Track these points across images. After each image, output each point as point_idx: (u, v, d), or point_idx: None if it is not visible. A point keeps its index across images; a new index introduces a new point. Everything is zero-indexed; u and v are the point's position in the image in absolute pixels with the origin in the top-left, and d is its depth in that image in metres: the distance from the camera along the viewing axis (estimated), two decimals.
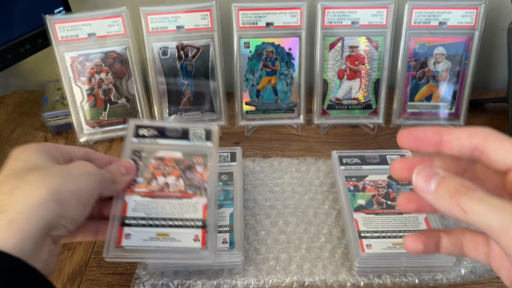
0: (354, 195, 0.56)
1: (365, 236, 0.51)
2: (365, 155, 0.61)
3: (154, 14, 0.65)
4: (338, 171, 0.59)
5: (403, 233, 0.52)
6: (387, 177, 0.58)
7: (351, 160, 0.61)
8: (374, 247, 0.50)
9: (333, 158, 0.62)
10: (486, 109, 0.75)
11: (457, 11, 0.65)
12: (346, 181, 0.58)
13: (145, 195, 0.46)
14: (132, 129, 0.51)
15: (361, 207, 0.55)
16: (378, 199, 0.56)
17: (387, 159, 0.60)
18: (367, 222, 0.53)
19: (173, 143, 0.50)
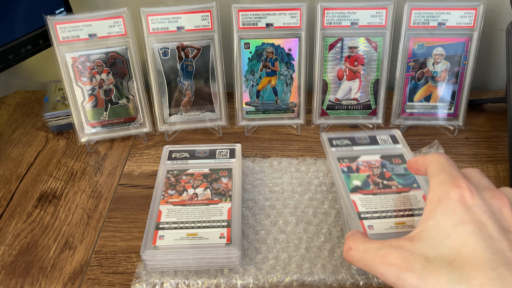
0: (348, 176, 0.55)
1: (365, 217, 0.50)
2: (355, 136, 0.61)
3: (155, 15, 0.66)
4: (330, 153, 0.58)
5: (404, 212, 0.51)
6: (380, 157, 0.57)
7: (341, 141, 0.60)
8: (376, 227, 0.49)
9: (323, 140, 0.61)
10: (485, 110, 0.76)
11: (456, 11, 0.65)
12: (339, 163, 0.57)
13: (177, 204, 0.55)
14: (166, 153, 0.62)
15: (358, 188, 0.54)
16: (374, 179, 0.55)
17: (377, 140, 0.60)
18: (365, 203, 0.52)
19: (202, 162, 0.60)
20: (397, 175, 0.55)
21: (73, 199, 0.62)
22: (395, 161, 0.57)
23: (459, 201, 0.36)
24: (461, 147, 0.68)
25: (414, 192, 0.53)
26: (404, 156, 0.58)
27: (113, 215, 0.60)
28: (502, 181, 0.62)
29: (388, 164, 0.57)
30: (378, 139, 0.60)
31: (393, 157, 0.57)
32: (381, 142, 0.60)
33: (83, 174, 0.66)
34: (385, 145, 0.60)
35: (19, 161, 0.69)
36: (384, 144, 0.60)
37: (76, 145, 0.71)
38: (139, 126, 0.71)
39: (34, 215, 0.60)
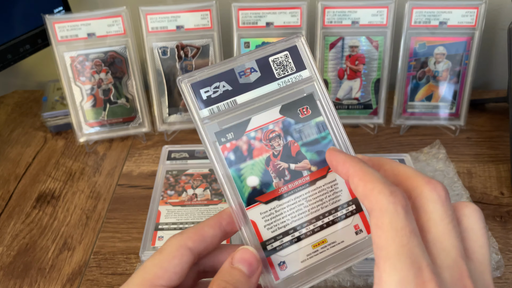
0: (239, 171, 0.33)
1: (273, 248, 0.32)
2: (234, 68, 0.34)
3: (154, 14, 0.65)
4: (203, 130, 0.33)
5: (322, 220, 0.33)
6: (280, 113, 0.34)
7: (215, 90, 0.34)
8: (290, 264, 0.32)
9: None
10: (487, 109, 0.75)
11: (457, 10, 0.65)
12: (219, 145, 0.33)
13: (176, 204, 0.55)
14: (165, 153, 0.61)
15: (256, 193, 0.33)
16: (276, 166, 0.33)
17: (271, 68, 0.34)
18: (270, 221, 0.33)
19: (201, 162, 0.59)
20: (308, 145, 0.34)
21: (71, 200, 0.62)
22: (302, 113, 0.34)
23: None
24: (462, 147, 0.68)
25: (333, 175, 0.33)
26: (314, 95, 0.34)
27: (112, 216, 0.59)
28: (504, 182, 0.62)
29: (294, 123, 0.34)
30: (271, 63, 0.34)
31: (299, 107, 0.34)
32: (277, 71, 0.34)
33: (81, 175, 0.66)
34: (283, 78, 0.34)
35: (17, 161, 0.69)
36: (282, 76, 0.34)
37: (75, 145, 0.71)
38: (138, 126, 0.71)
39: (33, 216, 0.60)
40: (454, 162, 0.64)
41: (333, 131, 0.34)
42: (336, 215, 0.33)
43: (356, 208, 0.33)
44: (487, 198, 0.59)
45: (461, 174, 0.63)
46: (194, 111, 0.32)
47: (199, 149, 0.62)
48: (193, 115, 0.33)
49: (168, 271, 0.29)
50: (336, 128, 0.34)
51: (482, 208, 0.58)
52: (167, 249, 0.30)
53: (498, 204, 0.59)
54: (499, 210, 0.58)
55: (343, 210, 0.33)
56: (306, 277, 0.32)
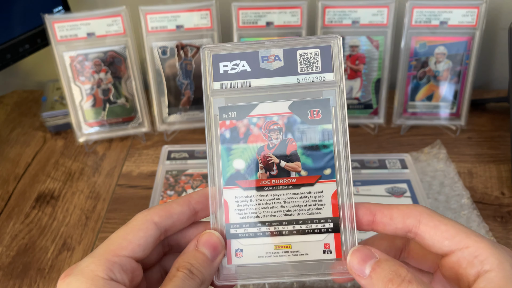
0: (229, 150, 0.33)
1: (236, 233, 0.32)
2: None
3: (154, 14, 0.65)
4: (210, 101, 0.33)
5: (294, 225, 0.32)
6: (289, 107, 0.33)
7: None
8: (246, 254, 0.32)
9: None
10: (487, 109, 0.75)
11: (458, 10, 0.64)
12: (219, 120, 0.33)
13: None
14: (165, 153, 0.61)
15: (237, 176, 0.33)
16: (267, 158, 0.33)
17: (297, 64, 0.33)
18: (243, 207, 0.32)
19: (201, 162, 0.59)
20: (306, 149, 0.33)
21: (71, 200, 0.62)
22: (311, 115, 0.33)
23: None
24: (463, 147, 0.67)
25: (321, 186, 0.32)
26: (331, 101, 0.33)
27: (111, 216, 0.59)
28: (504, 182, 0.62)
29: (299, 122, 0.33)
30: (298, 56, 0.33)
31: (311, 109, 0.33)
32: (301, 65, 0.33)
33: (81, 175, 0.66)
34: (305, 74, 0.33)
35: (16, 161, 0.69)
36: (305, 72, 0.33)
37: (74, 145, 0.71)
38: (138, 126, 0.71)
39: (32, 216, 0.60)
40: (455, 162, 0.64)
41: (337, 144, 0.33)
42: (309, 226, 0.32)
43: (333, 227, 0.32)
44: (487, 198, 0.59)
45: (462, 174, 0.62)
46: (208, 81, 0.33)
47: (199, 149, 0.62)
48: (205, 84, 0.33)
49: (132, 243, 0.29)
50: (342, 141, 0.33)
51: (482, 208, 0.58)
52: (133, 222, 0.30)
53: (499, 204, 0.58)
54: (500, 210, 0.58)
55: (319, 225, 0.32)
56: (257, 273, 0.32)
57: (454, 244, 0.28)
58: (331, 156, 0.33)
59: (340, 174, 0.32)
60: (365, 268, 0.28)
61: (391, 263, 0.28)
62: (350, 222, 0.32)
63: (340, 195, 0.32)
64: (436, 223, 0.29)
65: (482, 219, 0.55)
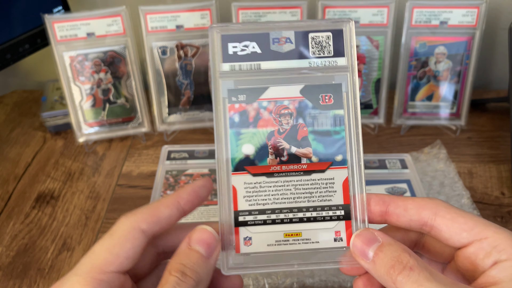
0: (238, 135, 0.32)
1: (245, 221, 0.31)
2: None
3: (154, 13, 0.65)
4: (219, 83, 0.32)
5: (304, 212, 0.31)
6: (300, 91, 0.32)
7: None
8: (255, 242, 0.31)
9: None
10: (487, 109, 0.75)
11: (458, 10, 0.64)
12: (228, 103, 0.32)
13: None
14: (164, 153, 0.61)
15: (247, 162, 0.32)
16: (278, 144, 0.32)
17: (307, 48, 0.32)
18: (252, 193, 0.31)
19: (201, 162, 0.59)
20: (318, 134, 0.32)
21: (71, 200, 0.62)
22: (323, 100, 0.32)
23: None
24: (463, 147, 0.67)
25: (333, 173, 0.32)
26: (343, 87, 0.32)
27: (111, 216, 0.59)
28: (504, 182, 0.61)
29: (311, 108, 0.32)
30: (309, 39, 0.32)
31: (322, 93, 0.32)
32: (313, 49, 0.32)
33: (81, 175, 0.66)
34: (317, 58, 0.32)
35: (16, 161, 0.69)
36: (317, 56, 0.32)
37: (74, 145, 0.71)
38: (138, 126, 0.71)
39: (32, 216, 0.60)
40: (455, 162, 0.64)
41: (349, 129, 0.32)
42: (320, 214, 0.31)
43: (344, 214, 0.31)
44: (487, 199, 0.59)
45: (462, 174, 0.62)
46: (216, 62, 0.31)
47: (198, 149, 0.62)
48: (213, 66, 0.31)
49: (119, 257, 0.27)
50: (354, 127, 0.32)
51: (482, 208, 0.58)
52: (118, 231, 0.28)
53: (499, 204, 0.58)
54: (500, 210, 0.58)
55: (330, 212, 0.31)
56: (267, 262, 0.31)
57: (472, 236, 0.27)
58: (342, 142, 0.32)
59: (351, 161, 0.31)
60: (368, 252, 0.28)
61: (394, 248, 0.27)
62: (361, 209, 0.31)
63: (352, 182, 0.31)
64: (453, 215, 0.28)
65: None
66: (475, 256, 0.27)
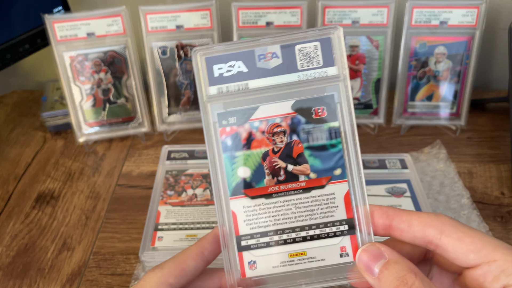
0: (232, 158, 0.31)
1: (247, 245, 0.31)
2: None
3: (154, 14, 0.65)
4: (207, 111, 0.31)
5: (307, 231, 0.31)
6: (292, 107, 0.31)
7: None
8: (261, 267, 0.31)
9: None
10: (487, 109, 0.75)
11: (458, 10, 0.64)
12: (219, 127, 0.31)
13: (176, 204, 0.55)
14: (165, 153, 0.62)
15: (245, 185, 0.31)
16: (273, 163, 0.31)
17: (296, 62, 0.31)
18: (252, 216, 0.31)
19: (201, 162, 0.59)
20: (314, 150, 0.31)
21: (71, 200, 0.62)
22: (316, 114, 0.31)
23: None
24: (463, 147, 0.67)
25: (333, 188, 0.31)
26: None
27: (111, 216, 0.59)
28: (504, 182, 0.61)
29: (304, 123, 0.31)
30: (296, 51, 0.31)
31: (315, 107, 0.31)
32: (301, 61, 0.31)
33: (81, 175, 0.66)
34: (306, 71, 0.31)
35: (16, 161, 0.69)
36: (305, 68, 0.31)
37: (74, 145, 0.71)
38: (138, 126, 0.71)
39: (32, 216, 0.60)
40: (455, 162, 0.64)
41: (346, 141, 0.31)
42: (323, 231, 0.31)
43: (348, 229, 0.30)
44: (487, 198, 0.59)
45: (462, 174, 0.62)
46: (202, 86, 0.30)
47: (199, 149, 0.62)
48: (200, 90, 0.30)
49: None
50: (351, 138, 0.31)
51: (482, 208, 0.58)
52: (147, 286, 0.28)
53: (499, 204, 0.58)
54: (500, 210, 0.58)
55: (333, 228, 0.31)
56: (274, 284, 0.30)
57: (480, 258, 0.26)
58: (340, 155, 0.31)
59: (351, 173, 0.31)
60: (373, 268, 0.28)
61: (400, 267, 0.27)
62: (365, 222, 0.30)
63: (353, 195, 0.31)
64: (460, 235, 0.27)
65: (482, 219, 0.55)
66: (483, 278, 0.27)
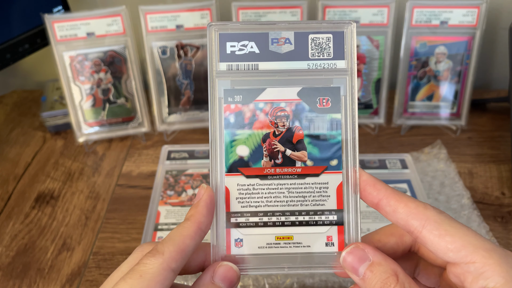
0: (233, 136, 0.32)
1: (237, 222, 0.31)
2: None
3: (154, 13, 0.65)
4: (216, 86, 0.32)
5: (297, 216, 0.31)
6: (298, 94, 0.32)
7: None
8: (246, 243, 0.31)
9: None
10: (488, 109, 0.75)
11: (458, 10, 0.64)
12: (224, 103, 0.32)
13: (176, 204, 0.55)
14: (164, 153, 0.62)
15: (241, 163, 0.31)
16: (273, 146, 0.32)
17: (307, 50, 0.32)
18: (244, 195, 0.31)
19: (201, 162, 0.60)
20: (313, 138, 0.32)
21: (70, 200, 0.62)
22: (321, 103, 0.32)
23: None
24: (463, 147, 0.67)
25: (327, 177, 0.31)
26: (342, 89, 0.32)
27: (111, 216, 0.59)
28: (505, 182, 0.61)
29: (307, 110, 0.32)
30: (309, 40, 0.32)
31: (320, 96, 0.32)
32: (312, 51, 0.32)
33: (81, 175, 0.65)
34: (316, 60, 0.32)
35: (16, 161, 0.69)
36: (316, 58, 0.32)
37: (74, 145, 0.71)
38: (138, 125, 0.71)
39: (32, 216, 0.60)
40: (455, 162, 0.64)
41: (345, 134, 0.32)
42: (313, 218, 0.31)
43: (337, 220, 0.31)
44: (488, 199, 0.59)
45: (462, 174, 0.62)
46: (213, 62, 0.32)
47: (199, 149, 0.62)
48: (210, 65, 0.32)
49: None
50: (350, 132, 0.31)
51: (483, 208, 0.57)
52: (148, 273, 0.27)
53: (499, 205, 0.58)
54: (500, 210, 0.58)
55: (322, 216, 0.31)
56: (257, 264, 0.31)
57: (458, 258, 0.27)
58: (338, 146, 0.31)
59: (346, 166, 0.31)
60: (358, 269, 0.28)
61: (383, 269, 0.27)
62: (354, 216, 0.31)
63: (346, 187, 0.31)
64: (442, 232, 0.27)
65: (483, 219, 0.55)
66: (464, 277, 0.27)
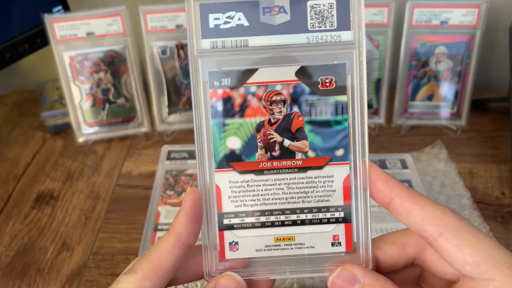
0: (222, 126, 0.28)
1: (230, 224, 0.28)
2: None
3: (153, 13, 0.65)
4: (198, 68, 0.27)
5: (298, 214, 0.28)
6: (295, 74, 0.27)
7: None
8: (242, 246, 0.28)
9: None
10: (488, 109, 0.75)
11: (458, 10, 0.64)
12: (210, 88, 0.27)
13: (176, 205, 0.54)
14: (164, 153, 0.62)
15: (233, 157, 0.28)
16: (268, 136, 0.28)
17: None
18: (238, 193, 0.28)
19: None
20: (315, 125, 0.28)
21: (70, 200, 0.62)
22: (323, 84, 0.27)
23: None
24: (464, 147, 0.67)
25: (332, 170, 0.27)
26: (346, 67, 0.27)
27: (111, 216, 0.59)
28: (505, 182, 0.61)
29: (308, 93, 0.27)
30: (308, 8, 0.27)
31: (322, 76, 0.27)
32: (312, 21, 0.26)
33: (80, 175, 0.65)
34: (317, 32, 0.27)
35: (16, 161, 0.68)
36: (316, 29, 0.27)
37: (74, 145, 0.71)
38: (138, 125, 0.70)
39: (32, 216, 0.60)
40: (456, 162, 0.64)
41: (353, 119, 0.27)
42: (316, 216, 0.27)
43: (344, 217, 0.27)
44: (488, 199, 0.59)
45: (462, 174, 0.62)
46: (194, 38, 0.26)
47: None
48: (191, 43, 0.26)
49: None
50: (359, 116, 0.27)
51: (483, 208, 0.57)
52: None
53: (500, 205, 0.58)
54: (501, 210, 0.57)
55: (327, 214, 0.27)
56: (255, 269, 0.27)
57: (478, 273, 0.24)
58: (344, 134, 0.27)
59: (354, 156, 0.27)
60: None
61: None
62: (364, 211, 0.27)
63: (354, 180, 0.27)
64: (461, 242, 0.24)
65: (483, 219, 0.55)
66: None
